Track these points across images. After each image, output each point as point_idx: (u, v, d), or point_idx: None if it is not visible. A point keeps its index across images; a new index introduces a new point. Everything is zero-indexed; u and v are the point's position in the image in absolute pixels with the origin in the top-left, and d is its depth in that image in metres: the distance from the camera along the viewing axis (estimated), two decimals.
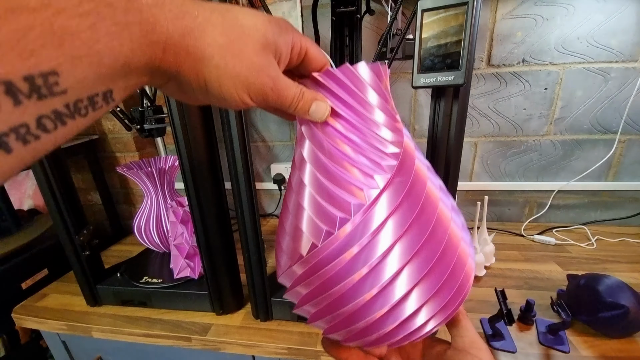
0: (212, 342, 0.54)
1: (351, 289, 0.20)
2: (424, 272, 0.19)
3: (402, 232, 0.19)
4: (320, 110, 0.21)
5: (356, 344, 0.22)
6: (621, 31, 0.70)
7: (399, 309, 0.20)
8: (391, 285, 0.19)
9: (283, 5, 0.79)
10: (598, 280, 0.49)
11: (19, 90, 0.11)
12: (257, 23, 0.18)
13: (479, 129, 0.84)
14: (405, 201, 0.19)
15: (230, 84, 0.18)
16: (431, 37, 0.36)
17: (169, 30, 0.15)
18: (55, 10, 0.11)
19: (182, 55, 0.16)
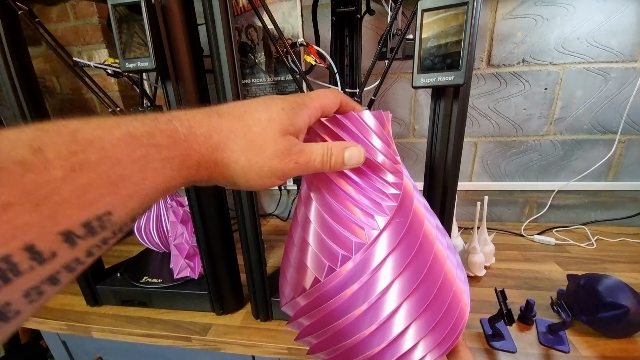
0: (212, 342, 0.54)
1: (351, 324, 0.20)
2: (421, 309, 0.20)
3: (400, 270, 0.20)
4: (354, 155, 0.22)
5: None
6: (621, 31, 0.70)
7: (397, 345, 0.21)
8: (390, 322, 0.20)
9: (283, 5, 0.79)
10: (598, 280, 0.49)
11: (77, 236, 0.12)
12: (272, 116, 0.19)
13: (479, 129, 0.84)
14: (403, 241, 0.21)
15: (256, 177, 0.19)
16: (431, 37, 0.36)
17: (201, 152, 0.17)
18: (113, 163, 0.13)
19: (212, 166, 0.18)
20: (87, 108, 0.94)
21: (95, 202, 0.12)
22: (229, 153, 0.18)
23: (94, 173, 0.12)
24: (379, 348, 0.20)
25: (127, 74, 0.57)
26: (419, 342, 0.21)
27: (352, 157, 0.21)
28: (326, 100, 0.22)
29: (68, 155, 0.12)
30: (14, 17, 0.45)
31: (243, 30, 0.83)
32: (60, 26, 0.86)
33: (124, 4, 0.38)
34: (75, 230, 0.12)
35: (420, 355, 0.21)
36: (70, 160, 0.12)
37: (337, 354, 0.22)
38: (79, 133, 0.13)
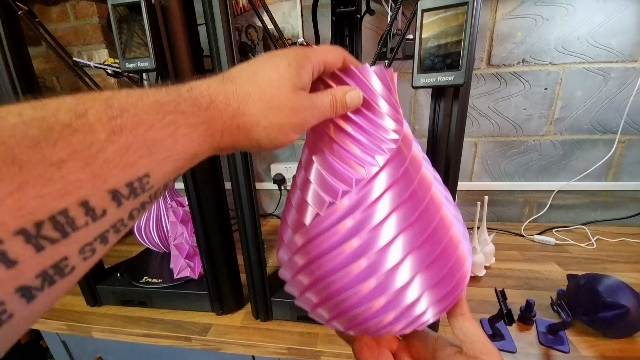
0: (212, 342, 0.54)
1: (349, 257, 0.21)
2: (417, 242, 0.21)
3: (398, 204, 0.21)
4: (354, 98, 0.23)
5: (357, 331, 0.23)
6: (621, 31, 0.70)
7: (400, 294, 0.21)
8: (384, 254, 0.21)
9: (283, 5, 0.79)
10: (598, 280, 0.49)
11: (122, 195, 0.13)
12: (281, 73, 0.20)
13: (479, 129, 0.84)
14: (402, 178, 0.22)
15: (279, 135, 0.21)
16: (431, 37, 0.36)
17: (223, 119, 0.18)
18: (147, 127, 0.14)
19: (235, 132, 0.19)
20: None
21: (135, 163, 0.13)
22: (249, 117, 0.19)
23: (131, 136, 0.13)
24: (383, 300, 0.21)
25: (127, 74, 0.57)
26: (423, 294, 0.21)
27: (352, 99, 0.23)
28: (329, 55, 0.23)
29: (108, 120, 0.13)
30: (14, 17, 0.45)
31: (243, 30, 0.83)
32: (60, 26, 0.86)
33: (124, 4, 0.38)
34: (120, 190, 0.13)
35: (423, 308, 0.21)
36: (110, 124, 0.13)
37: (337, 310, 0.22)
38: (113, 101, 0.14)
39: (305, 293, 0.23)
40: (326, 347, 0.50)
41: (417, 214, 0.21)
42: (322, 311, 0.23)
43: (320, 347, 0.50)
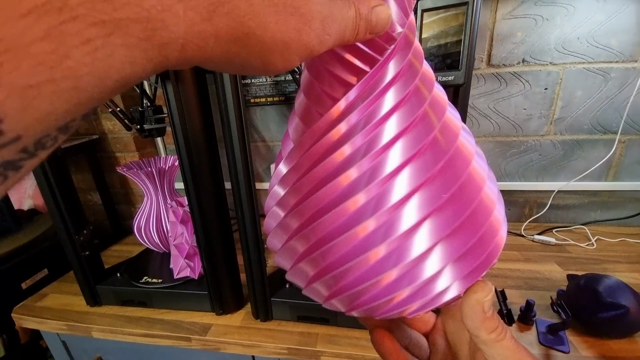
0: (212, 342, 0.54)
1: (356, 230, 0.16)
2: (439, 200, 0.16)
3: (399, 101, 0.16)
4: (382, 18, 0.16)
5: (362, 312, 0.18)
6: (621, 31, 0.70)
7: (418, 268, 0.16)
8: (399, 216, 0.16)
9: None
10: (598, 280, 0.49)
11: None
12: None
13: (479, 129, 0.84)
14: (414, 96, 0.17)
15: (283, 52, 0.13)
16: (431, 37, 0.36)
17: (187, 16, 0.10)
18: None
19: (210, 39, 0.11)
20: None
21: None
22: (250, 20, 0.11)
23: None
24: (395, 270, 0.16)
25: None
26: (445, 268, 0.16)
27: (380, 18, 0.16)
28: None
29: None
30: None
31: None
32: None
33: None
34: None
35: (444, 285, 0.16)
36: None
37: (337, 281, 0.17)
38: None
39: (299, 263, 0.18)
40: (326, 347, 0.50)
41: (441, 164, 0.16)
42: (319, 286, 0.18)
43: (320, 347, 0.50)
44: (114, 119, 0.73)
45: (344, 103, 0.16)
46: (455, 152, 0.17)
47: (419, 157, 0.16)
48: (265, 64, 0.13)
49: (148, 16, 0.09)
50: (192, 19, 0.10)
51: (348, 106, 0.16)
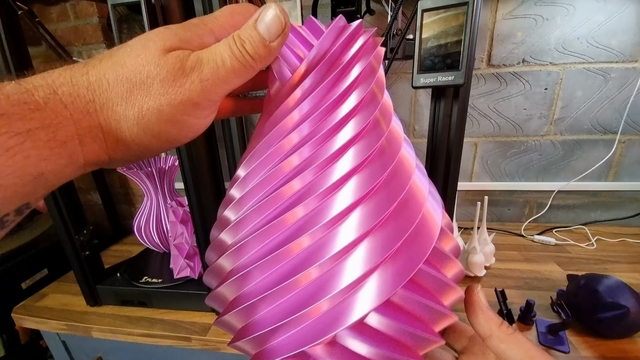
0: (212, 342, 0.54)
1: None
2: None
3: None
4: (270, 21, 0.15)
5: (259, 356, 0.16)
6: (621, 31, 0.70)
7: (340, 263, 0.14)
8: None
9: (283, 5, 0.79)
10: (598, 280, 0.49)
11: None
12: (149, 36, 0.14)
13: (479, 129, 0.84)
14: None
15: (166, 126, 0.14)
16: (431, 37, 0.36)
17: (74, 118, 0.13)
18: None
19: (100, 136, 0.14)
20: None
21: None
22: (110, 111, 0.13)
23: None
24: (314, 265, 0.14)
25: None
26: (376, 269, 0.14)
27: (269, 25, 0.15)
28: (234, 17, 0.17)
29: None
30: (14, 17, 0.45)
31: None
32: (60, 26, 0.86)
33: (124, 4, 0.38)
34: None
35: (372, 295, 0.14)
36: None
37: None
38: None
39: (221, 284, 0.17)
40: None
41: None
42: (230, 317, 0.17)
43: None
44: None
45: (296, 136, 0.16)
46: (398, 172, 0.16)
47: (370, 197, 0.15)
48: (165, 138, 0.15)
49: (49, 123, 0.12)
50: (78, 119, 0.13)
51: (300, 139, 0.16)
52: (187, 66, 0.14)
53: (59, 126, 0.12)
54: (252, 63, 0.15)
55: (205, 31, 0.15)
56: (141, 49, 0.14)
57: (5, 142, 0.11)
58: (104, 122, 0.14)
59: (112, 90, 0.13)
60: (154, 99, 0.14)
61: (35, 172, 0.12)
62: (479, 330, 0.18)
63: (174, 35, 0.14)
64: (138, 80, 0.14)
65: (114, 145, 0.14)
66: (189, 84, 0.14)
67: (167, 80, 0.14)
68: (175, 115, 0.14)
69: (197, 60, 0.14)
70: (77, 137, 0.13)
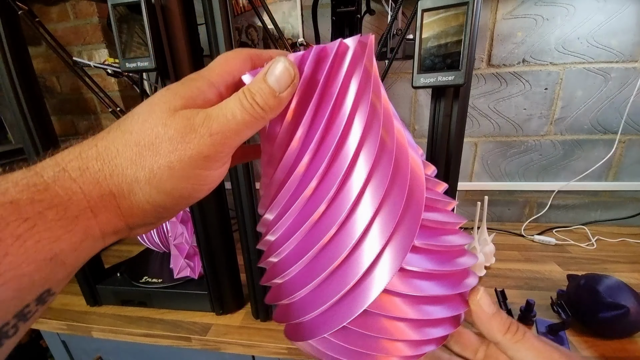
0: (212, 342, 0.54)
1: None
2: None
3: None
4: (280, 74, 0.15)
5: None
6: (621, 31, 0.70)
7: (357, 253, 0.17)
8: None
9: (283, 5, 0.79)
10: (598, 280, 0.49)
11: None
12: (153, 101, 0.15)
13: (479, 129, 0.84)
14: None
15: (179, 183, 0.14)
16: (431, 37, 0.36)
17: (84, 191, 0.13)
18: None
19: (114, 203, 0.14)
20: (87, 108, 0.94)
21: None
22: (120, 175, 0.14)
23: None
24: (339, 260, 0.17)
25: (127, 73, 0.57)
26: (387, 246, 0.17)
27: (279, 77, 0.15)
28: (229, 63, 0.17)
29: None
30: (14, 17, 0.45)
31: (243, 30, 0.83)
32: (60, 26, 0.86)
33: (124, 3, 0.38)
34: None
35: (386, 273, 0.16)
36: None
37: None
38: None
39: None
40: None
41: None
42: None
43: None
44: (114, 118, 0.73)
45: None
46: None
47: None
48: (180, 196, 0.15)
49: (59, 202, 0.12)
50: (88, 191, 0.13)
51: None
52: (195, 123, 0.14)
53: (69, 202, 0.12)
54: (263, 114, 0.16)
55: (205, 84, 0.16)
56: (147, 114, 0.15)
57: (15, 230, 0.11)
58: (115, 188, 0.14)
59: (121, 156, 0.14)
60: (163, 157, 0.14)
61: (50, 255, 0.11)
62: (487, 338, 0.19)
63: (176, 95, 0.15)
64: (147, 142, 0.14)
65: (129, 210, 0.14)
66: (198, 138, 0.14)
67: (176, 137, 0.14)
68: (186, 170, 0.15)
69: (205, 116, 0.15)
70: (89, 208, 0.13)
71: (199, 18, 0.42)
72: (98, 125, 0.94)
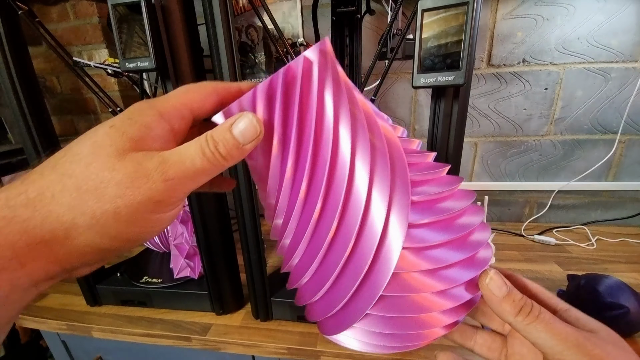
0: (212, 342, 0.54)
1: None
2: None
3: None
4: (246, 129, 0.15)
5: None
6: (621, 31, 0.70)
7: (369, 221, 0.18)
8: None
9: (283, 5, 0.79)
10: (598, 280, 0.49)
11: None
12: (96, 140, 0.14)
13: (479, 129, 0.84)
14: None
15: (127, 226, 0.14)
16: (431, 37, 0.36)
17: (12, 230, 0.12)
18: None
19: (46, 248, 0.13)
20: (87, 108, 0.94)
21: None
22: (55, 222, 0.13)
23: None
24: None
25: (127, 73, 0.57)
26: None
27: (244, 131, 0.15)
28: (189, 96, 0.17)
29: None
30: (14, 17, 0.45)
31: (243, 30, 0.83)
32: (60, 26, 0.86)
33: (124, 3, 0.38)
34: None
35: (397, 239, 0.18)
36: None
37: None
38: None
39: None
40: (326, 347, 0.50)
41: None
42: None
43: (320, 347, 0.50)
44: None
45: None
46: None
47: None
48: (123, 241, 0.14)
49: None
50: (14, 241, 0.12)
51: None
52: (148, 167, 0.14)
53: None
54: (224, 163, 0.15)
55: (154, 119, 0.15)
56: (92, 157, 0.13)
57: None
58: (48, 234, 0.13)
59: (56, 202, 0.13)
60: (109, 203, 0.13)
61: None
62: (503, 320, 0.19)
63: (124, 136, 0.14)
64: (90, 187, 0.13)
65: (66, 256, 0.13)
66: (150, 184, 0.13)
67: (124, 182, 0.13)
68: (134, 215, 0.14)
69: (161, 161, 0.14)
70: (16, 259, 0.12)
71: (199, 18, 0.42)
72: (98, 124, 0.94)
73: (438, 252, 0.19)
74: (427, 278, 0.18)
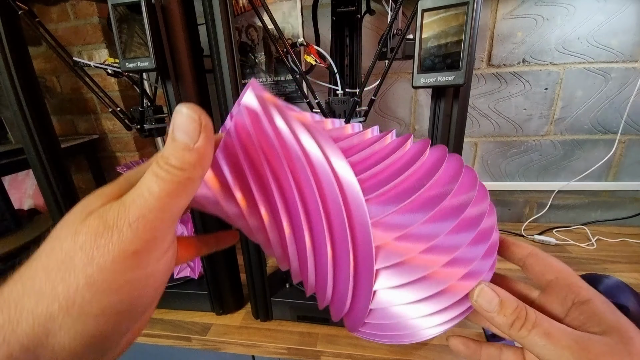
0: (212, 342, 0.54)
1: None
2: None
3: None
4: (183, 124, 0.13)
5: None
6: (621, 31, 0.70)
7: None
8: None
9: (283, 5, 0.79)
10: (598, 280, 0.49)
11: None
12: (68, 218, 0.12)
13: (479, 129, 0.84)
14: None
15: (102, 296, 0.11)
16: (431, 37, 0.36)
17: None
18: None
19: (25, 356, 0.11)
20: (87, 108, 0.94)
21: None
22: (29, 319, 0.11)
23: None
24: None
25: (127, 73, 0.57)
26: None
27: (184, 128, 0.13)
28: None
29: None
30: (14, 17, 0.45)
31: (243, 30, 0.83)
32: (60, 26, 0.86)
33: (124, 3, 0.38)
34: None
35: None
36: None
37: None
38: None
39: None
40: (326, 347, 0.50)
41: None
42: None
43: (320, 347, 0.50)
44: (114, 118, 0.73)
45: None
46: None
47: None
48: (125, 321, 0.13)
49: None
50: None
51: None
52: (109, 218, 0.12)
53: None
54: (185, 174, 0.13)
55: (139, 171, 0.14)
56: (59, 228, 0.12)
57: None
58: (26, 339, 0.11)
59: (27, 293, 0.11)
60: (79, 274, 0.11)
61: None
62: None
63: (101, 195, 0.13)
64: (56, 263, 0.11)
65: (54, 359, 0.11)
66: (116, 235, 0.11)
67: (88, 243, 0.11)
68: (113, 280, 0.11)
69: (119, 206, 0.12)
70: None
71: (199, 18, 0.42)
72: (98, 125, 0.94)
73: (433, 226, 0.19)
74: (433, 254, 0.19)
